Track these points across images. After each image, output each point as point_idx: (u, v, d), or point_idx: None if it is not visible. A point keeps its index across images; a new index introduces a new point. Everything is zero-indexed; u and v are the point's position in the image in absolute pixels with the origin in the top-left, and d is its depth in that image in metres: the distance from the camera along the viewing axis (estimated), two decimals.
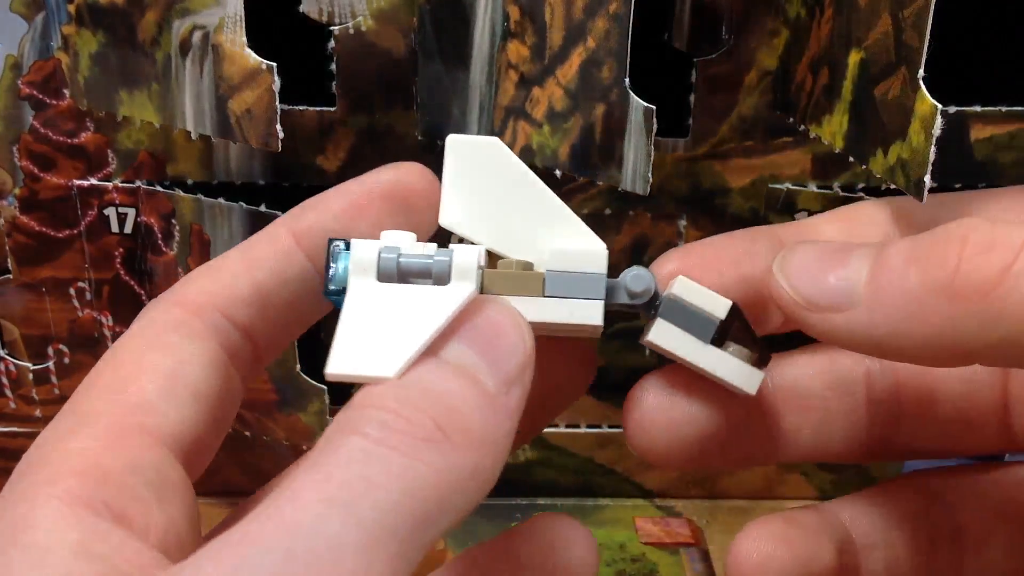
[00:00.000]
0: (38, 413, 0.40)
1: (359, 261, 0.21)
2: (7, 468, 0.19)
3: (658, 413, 0.24)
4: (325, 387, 0.37)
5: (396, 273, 0.21)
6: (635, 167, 0.29)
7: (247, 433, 0.39)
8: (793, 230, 0.26)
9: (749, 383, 0.23)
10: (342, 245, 0.22)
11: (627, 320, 0.31)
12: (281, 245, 0.23)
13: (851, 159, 0.28)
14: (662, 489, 0.41)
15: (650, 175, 0.29)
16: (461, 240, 0.23)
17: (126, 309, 0.38)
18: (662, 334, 0.22)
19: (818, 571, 0.25)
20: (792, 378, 0.26)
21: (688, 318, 0.22)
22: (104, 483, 0.19)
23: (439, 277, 0.21)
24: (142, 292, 0.38)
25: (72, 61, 0.33)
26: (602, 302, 0.22)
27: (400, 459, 0.17)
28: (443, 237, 0.23)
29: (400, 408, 0.18)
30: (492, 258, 0.23)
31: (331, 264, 0.21)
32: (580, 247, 0.22)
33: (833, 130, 0.29)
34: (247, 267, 0.23)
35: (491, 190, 0.22)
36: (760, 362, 0.23)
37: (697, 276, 0.23)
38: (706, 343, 0.22)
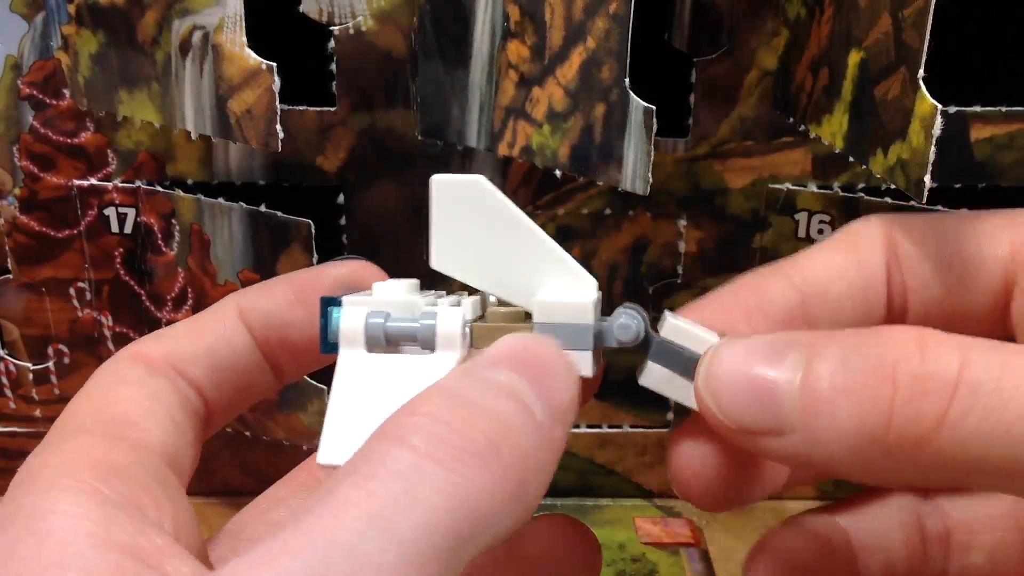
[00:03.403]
0: (38, 413, 0.40)
1: (348, 331, 0.21)
2: (7, 468, 0.19)
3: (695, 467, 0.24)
4: (325, 387, 0.37)
5: (384, 340, 0.21)
6: (635, 167, 0.29)
7: (247, 433, 0.39)
8: (798, 267, 0.25)
9: None
10: (333, 304, 0.22)
11: None
12: (228, 315, 0.24)
13: (851, 159, 0.28)
14: (662, 489, 0.41)
15: (650, 175, 0.29)
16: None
17: (126, 309, 0.38)
18: (653, 378, 0.22)
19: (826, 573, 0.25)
20: None
21: (678, 361, 0.22)
22: (115, 474, 0.19)
23: (425, 343, 0.21)
24: (142, 292, 0.38)
25: (72, 61, 0.33)
26: (591, 352, 0.21)
27: (447, 474, 0.17)
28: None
29: (451, 420, 0.17)
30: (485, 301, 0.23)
31: (323, 322, 0.22)
32: (566, 298, 0.21)
33: (833, 130, 0.29)
34: (198, 331, 0.24)
35: (479, 231, 0.22)
36: None
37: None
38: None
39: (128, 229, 0.37)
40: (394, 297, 0.22)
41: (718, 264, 0.37)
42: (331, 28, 0.33)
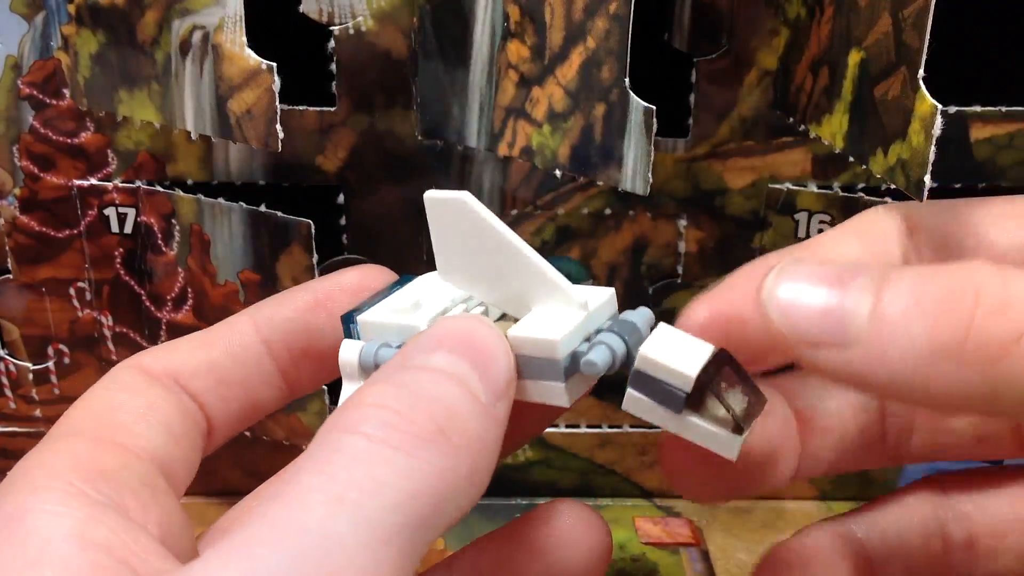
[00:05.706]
0: (38, 413, 0.40)
1: (344, 366, 0.22)
2: (7, 468, 0.19)
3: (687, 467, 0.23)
4: (325, 387, 0.37)
5: (374, 368, 0.21)
6: (635, 167, 0.29)
7: (247, 433, 0.39)
8: (811, 251, 0.24)
9: (727, 450, 0.20)
10: (351, 321, 0.22)
11: None
12: (239, 330, 0.24)
13: (851, 159, 0.28)
14: (662, 489, 0.41)
15: (650, 175, 0.29)
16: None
17: (126, 309, 0.38)
18: (634, 405, 0.21)
19: None
20: (811, 401, 0.25)
21: (657, 390, 0.20)
22: (101, 476, 0.19)
23: None
24: (142, 292, 0.38)
25: (72, 61, 0.33)
26: (564, 384, 0.20)
27: (404, 459, 0.17)
28: None
29: (401, 408, 0.18)
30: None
31: (349, 335, 0.23)
32: (536, 333, 0.20)
33: (833, 130, 0.29)
34: (203, 345, 0.24)
35: (468, 247, 0.21)
36: (737, 427, 0.20)
37: (727, 318, 0.22)
38: (677, 413, 0.20)
39: (128, 229, 0.37)
40: (404, 307, 0.22)
41: (718, 264, 0.37)
42: (331, 28, 0.33)
